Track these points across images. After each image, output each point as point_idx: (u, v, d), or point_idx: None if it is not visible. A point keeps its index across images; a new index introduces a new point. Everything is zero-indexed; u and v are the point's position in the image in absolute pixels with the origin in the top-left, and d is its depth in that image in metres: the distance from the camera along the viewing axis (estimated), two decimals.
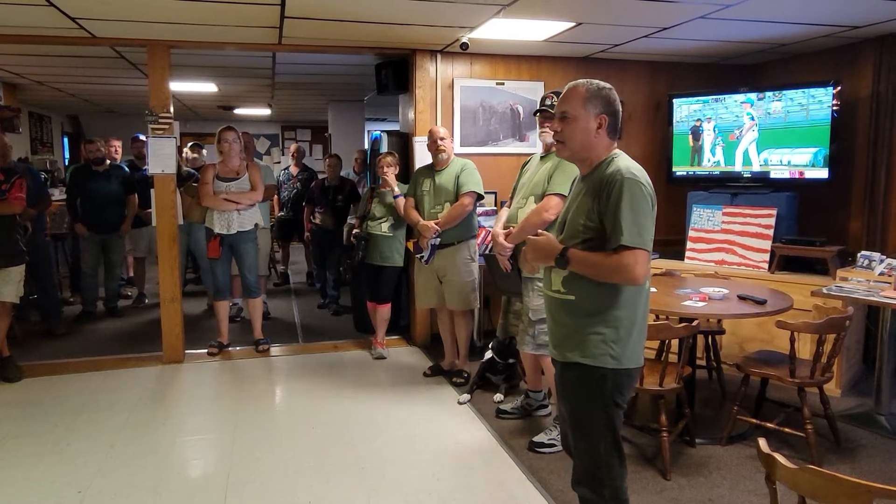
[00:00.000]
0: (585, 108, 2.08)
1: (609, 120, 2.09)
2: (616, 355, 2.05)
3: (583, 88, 2.10)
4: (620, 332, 2.05)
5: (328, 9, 3.83)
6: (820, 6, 3.81)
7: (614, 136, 2.13)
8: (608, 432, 2.08)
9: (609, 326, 2.05)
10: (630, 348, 2.06)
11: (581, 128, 2.09)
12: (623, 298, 2.05)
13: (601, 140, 2.11)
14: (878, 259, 4.02)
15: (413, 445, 3.46)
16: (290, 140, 12.12)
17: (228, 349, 5.13)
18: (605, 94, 2.10)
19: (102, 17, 4.05)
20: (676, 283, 3.89)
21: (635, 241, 1.94)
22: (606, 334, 2.05)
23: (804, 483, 1.50)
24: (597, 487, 2.11)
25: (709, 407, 4.02)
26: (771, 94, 4.72)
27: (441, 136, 4.34)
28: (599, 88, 2.10)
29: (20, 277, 4.47)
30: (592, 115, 2.09)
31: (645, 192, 1.99)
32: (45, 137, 9.40)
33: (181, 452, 3.44)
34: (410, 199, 4.50)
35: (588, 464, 2.13)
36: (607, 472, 2.09)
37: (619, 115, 2.12)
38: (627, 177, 1.98)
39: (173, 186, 4.84)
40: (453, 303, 4.36)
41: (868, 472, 3.18)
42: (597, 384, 2.07)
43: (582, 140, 2.11)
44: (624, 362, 2.06)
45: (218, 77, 6.89)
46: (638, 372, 2.14)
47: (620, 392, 2.09)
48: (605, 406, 2.07)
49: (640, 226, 1.95)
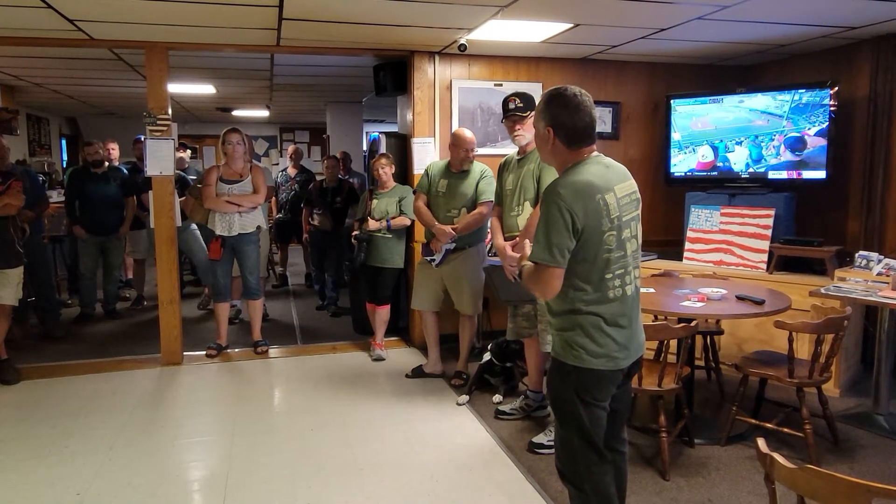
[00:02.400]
0: (539, 120, 2.16)
1: (556, 131, 2.10)
2: (577, 355, 2.09)
3: (540, 101, 2.17)
4: (581, 335, 2.09)
5: (326, 10, 3.83)
6: (816, 7, 3.82)
7: (575, 144, 2.10)
8: (576, 427, 2.12)
9: (567, 329, 2.12)
10: (592, 351, 2.08)
11: (540, 140, 2.19)
12: (579, 305, 2.08)
13: (558, 151, 2.13)
14: (875, 259, 4.02)
15: (412, 447, 3.46)
16: (288, 142, 12.10)
17: (227, 351, 5.12)
18: (552, 106, 2.11)
19: (100, 19, 4.05)
20: (675, 284, 3.89)
21: (542, 258, 2.00)
22: (566, 335, 2.12)
23: (803, 483, 1.50)
24: (577, 482, 2.17)
25: (708, 407, 4.02)
26: (767, 94, 4.73)
27: (473, 146, 4.19)
28: (548, 100, 2.13)
29: (18, 280, 4.46)
30: (542, 128, 2.15)
31: (561, 209, 1.98)
32: (43, 139, 9.39)
33: (180, 454, 3.43)
34: (422, 195, 4.39)
35: (566, 457, 2.19)
36: (585, 467, 2.14)
37: (570, 125, 2.08)
38: (549, 192, 2.04)
39: (171, 188, 4.84)
40: (462, 306, 4.35)
41: (867, 471, 3.19)
42: (563, 378, 2.14)
43: (541, 149, 2.23)
44: (587, 363, 2.08)
45: (216, 79, 6.88)
46: (609, 374, 2.11)
47: (587, 390, 2.11)
48: (573, 402, 2.11)
49: (551, 243, 1.99)
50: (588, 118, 2.10)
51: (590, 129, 2.11)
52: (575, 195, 2.00)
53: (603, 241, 2.04)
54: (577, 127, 2.09)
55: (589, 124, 2.10)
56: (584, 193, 2.01)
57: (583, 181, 2.04)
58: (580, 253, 2.03)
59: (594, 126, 2.14)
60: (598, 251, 2.04)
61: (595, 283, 2.06)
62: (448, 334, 4.76)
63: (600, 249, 2.04)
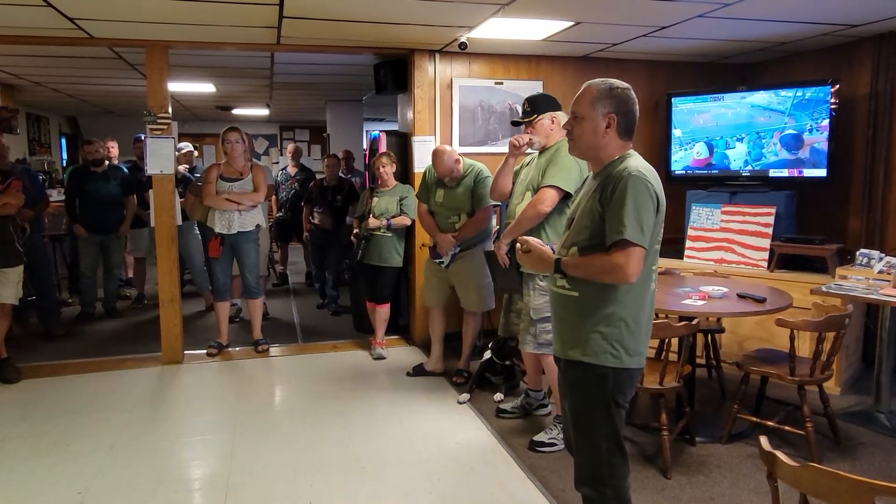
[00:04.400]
0: (594, 108, 2.07)
1: (619, 119, 2.06)
2: (617, 354, 2.04)
3: (594, 88, 2.09)
4: (622, 332, 2.04)
5: (326, 9, 3.82)
6: (817, 5, 3.81)
7: (627, 136, 2.09)
8: (609, 432, 2.08)
9: (610, 326, 2.04)
10: (632, 349, 2.06)
11: (589, 127, 2.09)
12: (626, 298, 2.04)
13: (611, 140, 2.08)
14: (877, 257, 4.03)
15: (413, 445, 3.46)
16: (288, 140, 12.09)
17: (228, 350, 5.12)
18: (616, 94, 2.07)
19: (100, 18, 4.04)
20: (676, 282, 3.89)
21: (636, 238, 1.92)
22: (607, 333, 2.04)
23: (806, 481, 1.49)
24: (599, 486, 2.11)
25: (709, 405, 4.02)
26: (770, 91, 4.72)
27: (455, 160, 4.20)
28: (611, 88, 2.08)
29: (18, 279, 4.46)
30: (601, 114, 2.07)
31: (651, 191, 1.97)
32: (43, 138, 9.38)
33: (181, 453, 3.43)
34: (423, 205, 4.45)
35: (590, 463, 2.12)
36: (609, 471, 2.09)
37: (631, 114, 2.08)
38: (634, 174, 1.97)
39: (171, 187, 4.83)
40: (469, 304, 4.35)
41: (868, 470, 3.18)
42: (597, 383, 2.07)
43: (589, 139, 2.10)
44: (625, 362, 2.05)
45: (216, 77, 6.88)
46: (640, 372, 2.13)
47: (621, 392, 2.08)
48: (606, 405, 2.07)
49: (642, 223, 1.94)
50: (638, 111, 2.12)
51: (636, 122, 2.13)
52: (655, 178, 2.01)
53: (659, 231, 2.04)
54: (635, 117, 2.10)
55: (637, 118, 2.12)
56: (657, 178, 2.03)
57: (651, 168, 2.04)
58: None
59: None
60: (655, 240, 2.04)
61: (644, 274, 2.02)
62: (449, 333, 4.75)
63: (657, 239, 2.04)
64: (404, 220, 4.73)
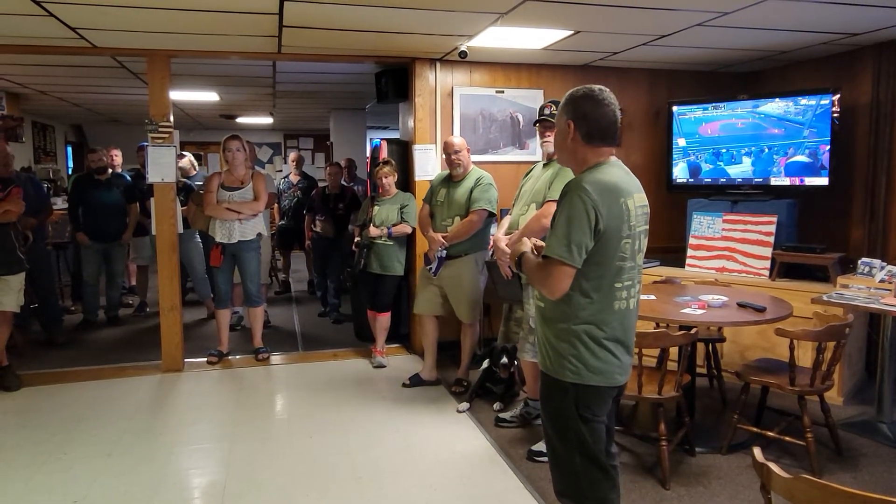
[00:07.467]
0: (561, 115, 2.08)
1: (579, 124, 2.02)
2: (575, 370, 2.01)
3: (566, 95, 2.10)
4: (579, 348, 2.00)
5: (325, 18, 3.84)
6: (817, 14, 3.81)
7: (598, 141, 2.03)
8: (578, 445, 2.04)
9: (565, 341, 2.02)
10: (592, 366, 2.01)
11: (558, 136, 2.11)
12: (582, 315, 2.00)
13: (578, 147, 2.05)
14: (878, 266, 4.00)
15: (412, 454, 3.45)
16: (292, 148, 12.12)
17: (228, 358, 5.12)
18: (573, 100, 2.04)
19: (102, 28, 4.07)
20: (676, 291, 3.87)
21: (560, 255, 1.91)
22: (562, 348, 2.02)
23: (799, 493, 1.48)
24: (580, 499, 2.09)
25: (709, 415, 3.99)
26: (787, 99, 4.69)
27: (456, 149, 4.25)
28: (571, 95, 2.06)
29: (20, 286, 4.48)
30: (563, 122, 2.06)
31: (588, 208, 1.90)
32: (49, 147, 9.44)
33: (179, 462, 3.42)
34: (426, 206, 4.48)
35: (566, 475, 2.11)
36: (589, 484, 2.07)
37: (591, 119, 2.01)
38: (576, 189, 1.94)
39: (173, 195, 4.85)
40: (461, 314, 4.35)
41: (869, 481, 3.15)
42: (561, 397, 2.05)
43: (558, 146, 2.12)
44: (585, 378, 2.01)
45: (219, 86, 6.91)
46: (609, 390, 2.07)
47: (587, 407, 2.04)
48: (571, 419, 2.04)
49: (570, 240, 1.90)
50: (612, 116, 2.03)
51: (612, 128, 2.04)
52: (601, 193, 1.93)
53: (619, 248, 1.97)
54: (599, 122, 2.02)
55: (612, 122, 2.04)
56: (610, 193, 1.95)
57: (609, 181, 1.98)
58: (595, 255, 1.95)
59: (616, 127, 2.06)
60: (613, 256, 1.97)
61: (604, 291, 1.98)
62: (449, 341, 4.74)
63: (615, 255, 1.97)
64: (405, 228, 4.74)
